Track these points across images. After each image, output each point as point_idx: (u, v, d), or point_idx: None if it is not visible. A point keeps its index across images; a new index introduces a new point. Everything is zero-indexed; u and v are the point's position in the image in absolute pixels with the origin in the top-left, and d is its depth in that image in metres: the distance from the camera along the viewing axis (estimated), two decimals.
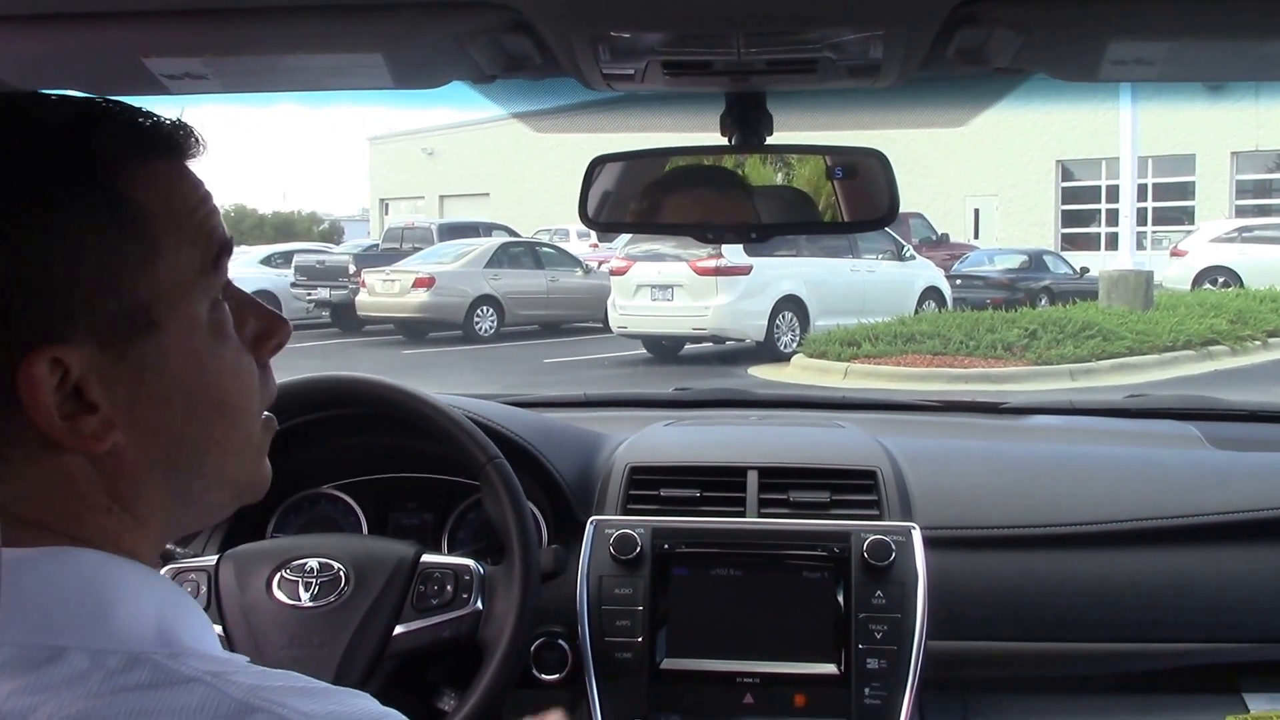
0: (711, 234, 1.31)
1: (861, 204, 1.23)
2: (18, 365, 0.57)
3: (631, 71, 1.03)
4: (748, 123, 1.18)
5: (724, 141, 1.21)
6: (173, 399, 0.62)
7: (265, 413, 0.71)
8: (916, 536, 1.47)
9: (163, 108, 0.65)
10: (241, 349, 0.67)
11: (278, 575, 1.37)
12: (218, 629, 1.33)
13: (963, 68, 0.98)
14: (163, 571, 1.38)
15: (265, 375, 0.70)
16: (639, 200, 1.28)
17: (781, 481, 1.56)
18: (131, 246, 0.60)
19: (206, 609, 1.35)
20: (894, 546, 1.45)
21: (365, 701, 0.61)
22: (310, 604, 1.34)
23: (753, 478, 1.57)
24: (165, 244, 0.62)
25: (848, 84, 1.06)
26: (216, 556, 1.40)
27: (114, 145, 0.61)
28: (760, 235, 1.28)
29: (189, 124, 0.65)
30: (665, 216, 1.29)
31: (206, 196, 0.65)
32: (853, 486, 1.55)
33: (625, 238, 12.42)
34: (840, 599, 1.45)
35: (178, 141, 0.64)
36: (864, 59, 0.96)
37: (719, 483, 1.57)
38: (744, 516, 1.53)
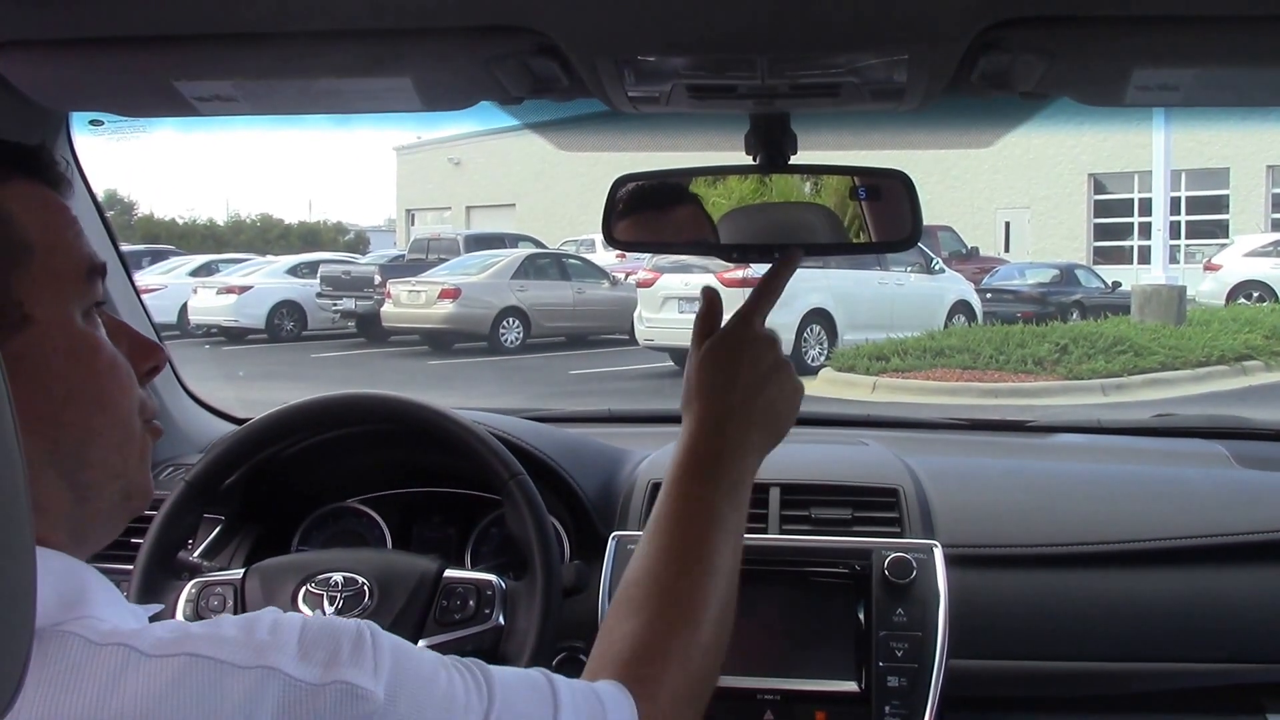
0: (736, 254, 1.32)
1: (885, 225, 1.22)
2: None
3: (656, 94, 1.04)
4: (772, 143, 1.18)
5: (748, 161, 1.21)
6: (50, 388, 0.68)
7: (153, 421, 0.76)
8: (938, 554, 1.46)
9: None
10: (116, 353, 0.73)
11: (303, 589, 1.38)
12: None
13: (987, 92, 0.98)
14: (189, 585, 1.40)
15: (144, 393, 0.75)
16: (662, 220, 1.29)
17: (803, 498, 1.56)
18: (4, 247, 0.66)
19: None
20: (915, 564, 1.44)
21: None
22: (335, 617, 1.35)
23: (774, 494, 1.57)
24: (39, 251, 0.68)
25: (872, 107, 1.07)
26: (242, 570, 1.42)
27: None
28: (785, 256, 1.28)
29: (54, 156, 0.72)
30: (689, 236, 1.30)
31: (74, 221, 0.72)
32: (874, 504, 1.55)
33: None
34: (861, 616, 1.45)
35: (42, 167, 0.71)
36: (888, 83, 0.96)
37: None
38: (765, 533, 1.53)
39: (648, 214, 1.29)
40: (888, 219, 1.23)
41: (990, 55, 0.89)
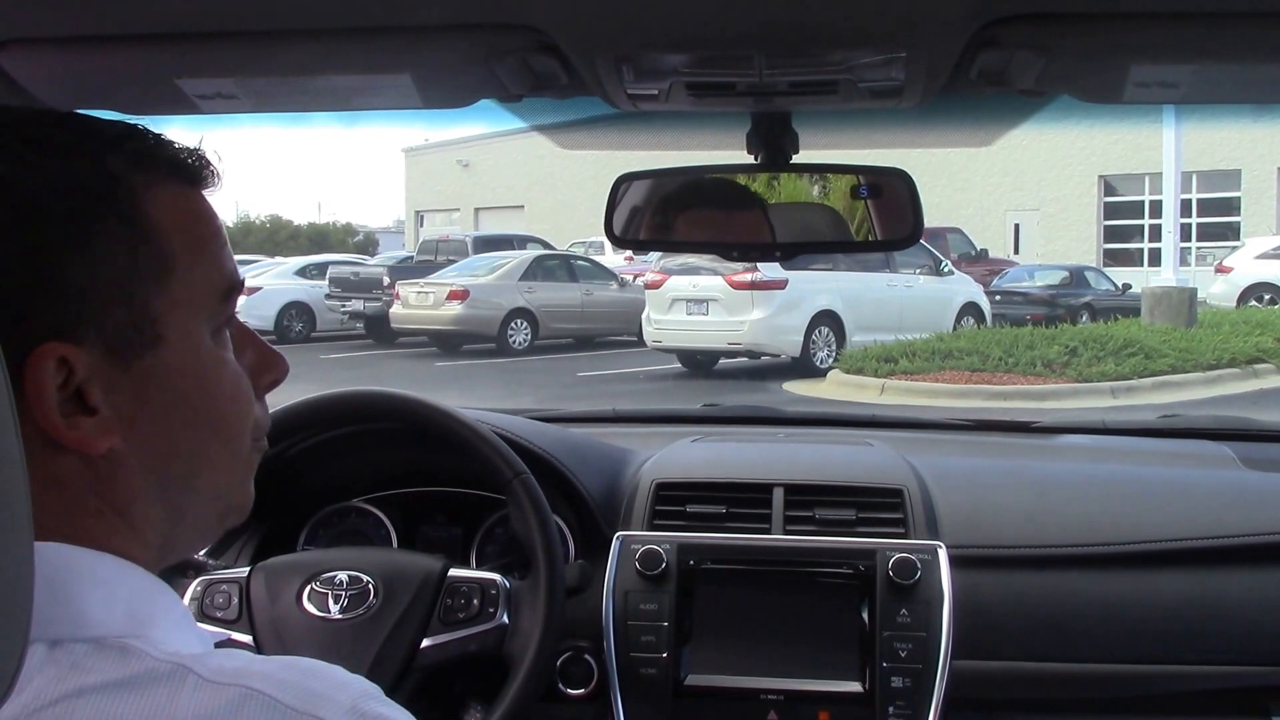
0: (736, 252, 1.32)
1: (886, 223, 1.23)
2: (26, 359, 0.59)
3: (655, 92, 1.04)
4: (773, 141, 1.18)
5: (750, 159, 1.21)
6: (172, 412, 0.65)
7: (260, 441, 0.73)
8: (942, 555, 1.46)
9: (185, 131, 0.67)
10: (241, 373, 0.70)
11: (308, 587, 1.39)
12: (247, 639, 1.36)
13: (986, 89, 0.98)
14: (195, 583, 1.41)
15: (260, 408, 0.73)
16: (665, 217, 1.29)
17: (807, 498, 1.56)
18: (146, 262, 0.63)
19: (237, 620, 1.38)
20: (919, 565, 1.44)
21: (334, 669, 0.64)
22: (339, 616, 1.36)
23: (779, 494, 1.57)
24: (180, 264, 0.65)
25: (871, 105, 1.07)
26: (248, 568, 1.42)
27: (132, 165, 0.64)
28: (785, 254, 1.29)
29: (205, 154, 0.68)
30: (691, 234, 1.30)
31: (220, 230, 0.69)
32: (879, 504, 1.55)
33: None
34: (865, 617, 1.45)
35: (193, 169, 0.67)
36: (886, 80, 0.96)
37: (745, 499, 1.57)
38: (770, 533, 1.53)
39: (650, 212, 1.29)
40: (889, 217, 1.23)
41: (988, 52, 0.89)
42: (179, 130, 0.72)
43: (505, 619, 1.38)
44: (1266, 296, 16.76)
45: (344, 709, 0.61)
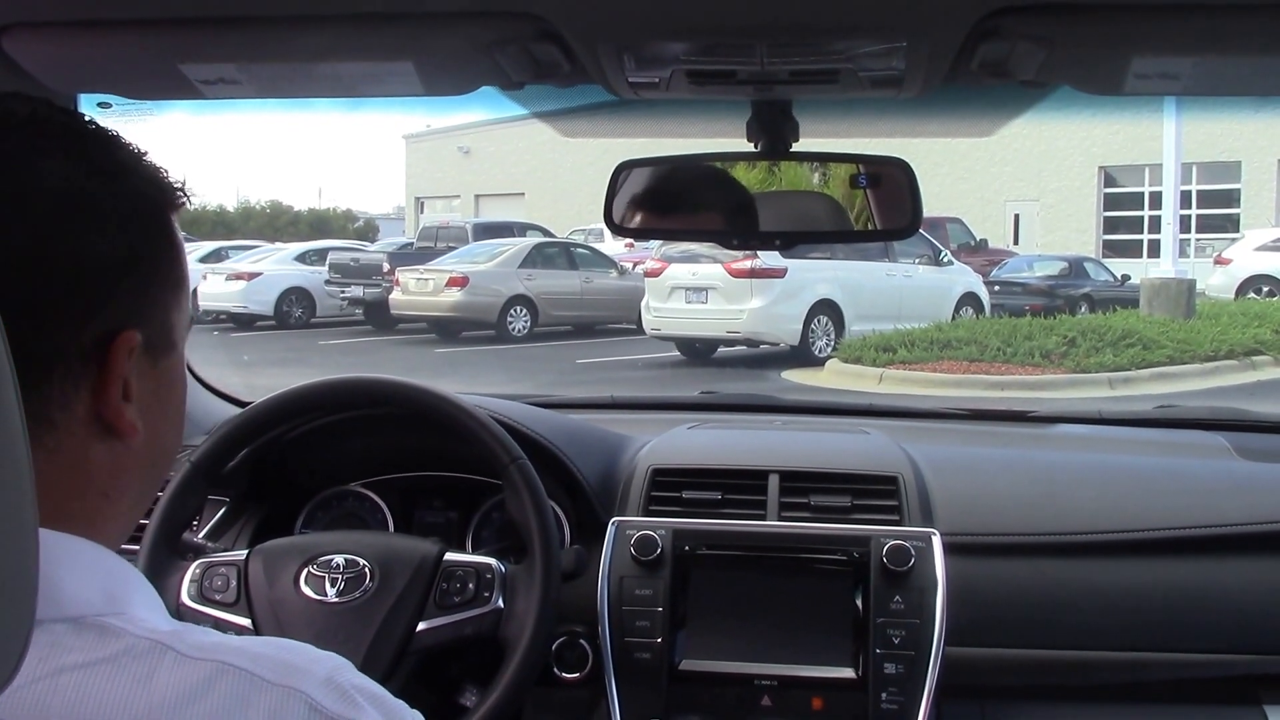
0: (736, 240, 1.32)
1: (885, 213, 1.23)
2: (115, 338, 0.65)
3: (656, 80, 1.04)
4: (773, 129, 1.19)
5: (750, 147, 1.22)
6: (172, 410, 0.73)
7: None
8: (936, 542, 1.47)
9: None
10: None
11: (305, 571, 1.39)
12: (246, 621, 1.37)
13: (987, 80, 0.98)
14: (194, 565, 1.42)
15: None
16: (665, 205, 1.29)
17: (803, 485, 1.57)
18: (172, 275, 0.71)
19: (235, 603, 1.38)
20: (913, 552, 1.45)
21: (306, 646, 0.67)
22: (336, 599, 1.37)
23: (774, 481, 1.58)
24: (184, 283, 0.72)
25: (871, 94, 1.07)
26: (246, 551, 1.43)
27: (161, 192, 0.71)
28: (784, 243, 1.29)
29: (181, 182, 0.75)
30: (690, 222, 1.30)
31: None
32: (874, 492, 1.56)
33: None
34: (859, 603, 1.46)
35: (182, 195, 0.74)
36: (887, 70, 0.97)
37: (740, 485, 1.58)
38: (765, 520, 1.54)
39: (650, 200, 1.29)
40: (888, 207, 1.23)
41: (989, 43, 0.89)
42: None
43: (500, 603, 1.39)
44: (1265, 288, 16.74)
45: (319, 681, 0.63)
